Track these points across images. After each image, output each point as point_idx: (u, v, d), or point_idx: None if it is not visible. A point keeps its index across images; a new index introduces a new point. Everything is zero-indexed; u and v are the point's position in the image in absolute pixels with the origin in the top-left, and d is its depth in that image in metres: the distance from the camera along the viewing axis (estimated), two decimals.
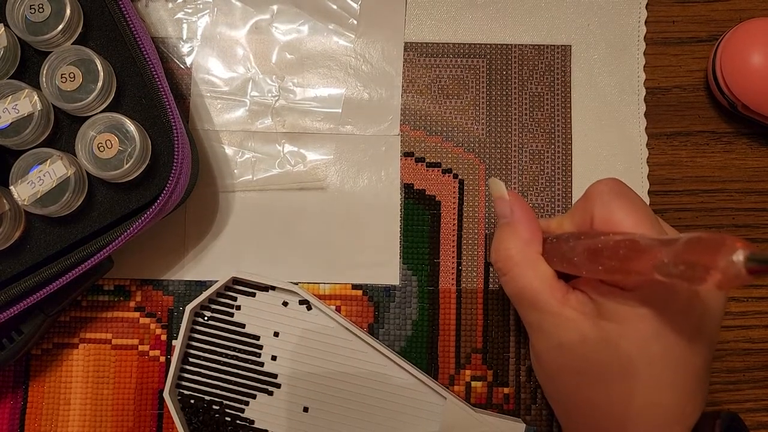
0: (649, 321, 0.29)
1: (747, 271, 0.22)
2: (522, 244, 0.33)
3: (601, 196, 0.31)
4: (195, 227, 0.42)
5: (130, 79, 0.37)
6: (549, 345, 0.32)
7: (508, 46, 0.43)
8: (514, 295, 0.33)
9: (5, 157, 0.36)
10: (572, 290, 0.32)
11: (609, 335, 0.30)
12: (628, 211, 0.30)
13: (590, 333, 0.30)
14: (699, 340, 0.30)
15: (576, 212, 0.33)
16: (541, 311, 0.32)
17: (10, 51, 0.36)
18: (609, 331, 0.30)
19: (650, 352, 0.29)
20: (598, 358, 0.30)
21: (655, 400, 0.30)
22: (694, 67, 0.43)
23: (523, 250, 0.32)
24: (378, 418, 0.40)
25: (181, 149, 0.36)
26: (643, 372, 0.30)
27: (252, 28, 0.43)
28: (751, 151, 0.43)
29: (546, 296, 0.31)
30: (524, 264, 0.32)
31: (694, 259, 0.24)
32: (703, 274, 0.23)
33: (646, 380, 0.30)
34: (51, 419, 0.41)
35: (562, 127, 0.42)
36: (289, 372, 0.40)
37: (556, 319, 0.31)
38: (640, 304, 0.29)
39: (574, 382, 0.32)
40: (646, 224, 0.30)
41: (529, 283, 0.32)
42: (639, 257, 0.26)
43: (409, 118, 0.43)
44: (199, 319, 0.41)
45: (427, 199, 0.42)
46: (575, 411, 0.33)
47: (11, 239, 0.35)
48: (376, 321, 0.41)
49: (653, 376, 0.30)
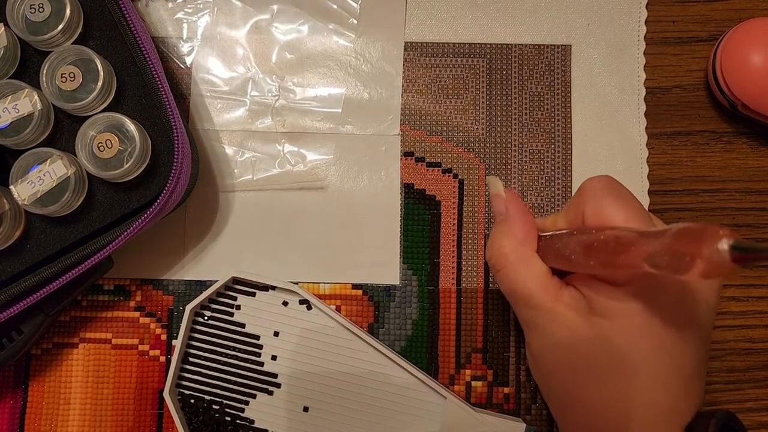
0: (639, 316, 0.29)
1: (731, 259, 0.22)
2: (516, 242, 0.33)
3: (593, 192, 0.32)
4: (195, 227, 0.42)
5: (130, 79, 0.37)
6: (543, 342, 0.32)
7: (508, 45, 0.43)
8: (508, 293, 0.33)
9: (5, 157, 0.36)
10: (566, 286, 0.32)
11: (601, 331, 0.30)
12: (619, 207, 0.30)
13: (583, 329, 0.30)
14: (691, 335, 0.30)
15: (569, 209, 0.33)
16: (535, 308, 0.32)
17: (10, 51, 0.36)
18: (601, 327, 0.30)
19: (642, 347, 0.30)
20: (591, 355, 0.31)
21: (649, 397, 0.30)
22: (694, 67, 0.43)
23: (517, 248, 0.33)
24: (378, 417, 0.40)
25: (181, 149, 0.36)
26: (635, 368, 0.30)
27: (252, 28, 0.43)
28: (751, 151, 0.43)
29: (540, 293, 0.32)
30: (518, 262, 0.32)
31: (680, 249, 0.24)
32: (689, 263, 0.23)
33: (639, 377, 0.30)
34: (51, 419, 0.41)
35: (562, 127, 0.42)
36: (289, 372, 0.40)
37: (550, 316, 0.31)
38: (630, 298, 0.29)
39: (568, 380, 0.32)
40: (636, 220, 0.30)
41: (522, 281, 0.32)
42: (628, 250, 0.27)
43: (409, 117, 0.43)
44: (199, 318, 0.41)
45: (427, 199, 0.42)
46: (569, 409, 0.33)
47: (11, 239, 0.35)
48: (376, 321, 0.41)
49: (646, 373, 0.30)
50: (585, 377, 0.31)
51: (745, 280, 0.42)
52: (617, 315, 0.30)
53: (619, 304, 0.30)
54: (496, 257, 0.33)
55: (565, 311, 0.31)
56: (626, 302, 0.29)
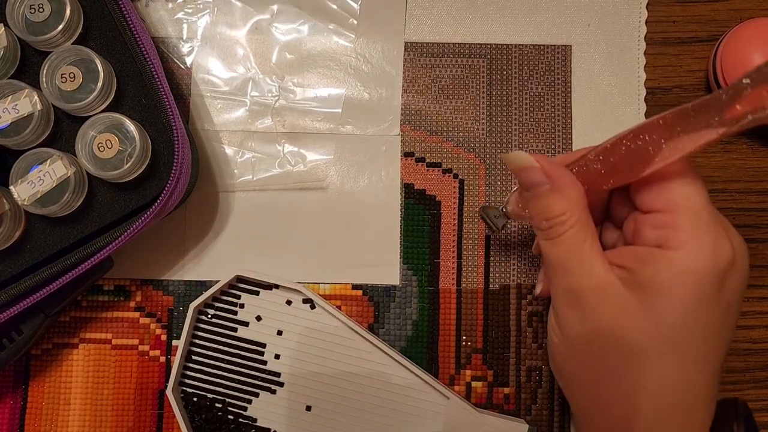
0: (693, 288, 0.28)
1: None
2: (574, 206, 0.31)
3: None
4: (195, 227, 0.42)
5: (130, 79, 0.37)
6: (584, 318, 0.31)
7: (508, 46, 0.43)
8: (559, 259, 0.31)
9: (5, 157, 0.36)
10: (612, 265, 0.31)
11: (652, 308, 0.29)
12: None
13: (633, 306, 0.29)
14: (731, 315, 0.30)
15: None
16: (587, 277, 0.30)
17: (10, 51, 0.36)
18: (652, 304, 0.29)
19: (690, 327, 0.29)
20: (637, 332, 0.29)
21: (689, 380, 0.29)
22: (694, 67, 0.43)
23: (577, 213, 0.31)
24: (381, 417, 0.40)
25: (181, 149, 0.36)
26: (680, 348, 0.29)
27: (252, 28, 0.43)
28: (751, 151, 0.43)
29: (595, 263, 0.30)
30: (579, 226, 0.31)
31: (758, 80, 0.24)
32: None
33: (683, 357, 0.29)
34: (51, 419, 0.41)
35: (562, 127, 0.43)
36: (292, 371, 0.40)
37: (600, 290, 0.30)
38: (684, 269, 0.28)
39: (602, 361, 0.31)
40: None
41: (578, 246, 0.31)
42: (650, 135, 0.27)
43: (409, 118, 0.43)
44: (202, 317, 0.41)
45: (427, 199, 0.42)
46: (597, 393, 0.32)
47: (11, 239, 0.35)
48: (376, 321, 0.41)
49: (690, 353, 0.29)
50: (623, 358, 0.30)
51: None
52: (672, 289, 0.29)
53: (675, 276, 0.28)
54: (555, 222, 0.31)
55: (617, 286, 0.30)
56: (682, 275, 0.28)
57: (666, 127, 0.29)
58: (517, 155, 0.32)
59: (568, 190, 0.31)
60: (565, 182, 0.31)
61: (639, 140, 0.30)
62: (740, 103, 0.27)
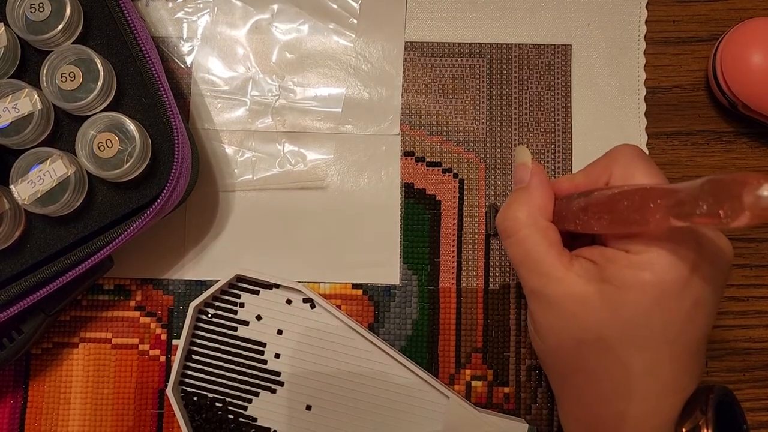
0: (654, 288, 0.29)
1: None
2: (533, 208, 0.33)
3: (625, 156, 0.32)
4: (195, 227, 0.42)
5: (130, 79, 0.37)
6: (550, 312, 0.32)
7: (508, 45, 0.43)
8: (518, 258, 0.33)
9: (5, 157, 0.36)
10: (576, 257, 0.32)
11: (611, 300, 0.30)
12: (650, 174, 0.31)
13: (593, 299, 0.30)
14: (701, 312, 0.30)
15: (594, 168, 0.33)
16: (546, 276, 0.31)
17: (10, 50, 0.36)
18: (613, 297, 0.30)
19: (653, 321, 0.29)
20: (598, 324, 0.30)
21: (653, 371, 0.30)
22: (694, 67, 0.43)
23: (533, 214, 0.32)
24: (381, 417, 0.40)
25: (181, 149, 0.36)
26: (644, 341, 0.30)
27: (252, 28, 0.43)
28: (751, 151, 0.43)
29: (551, 260, 0.31)
30: (533, 227, 0.32)
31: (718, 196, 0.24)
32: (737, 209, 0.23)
33: (646, 350, 0.30)
34: (51, 419, 0.41)
35: (562, 127, 0.43)
36: (292, 370, 0.40)
37: (560, 284, 0.31)
38: (646, 269, 0.29)
39: (572, 352, 0.32)
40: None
41: (534, 246, 0.32)
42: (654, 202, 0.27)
43: (409, 117, 0.43)
44: (202, 316, 0.41)
45: (427, 199, 0.42)
46: (571, 381, 0.33)
47: (11, 238, 0.35)
48: (376, 320, 0.41)
49: (653, 347, 0.30)
50: (590, 349, 0.31)
51: (746, 280, 0.42)
52: (632, 285, 0.29)
53: (635, 273, 0.29)
54: (510, 221, 0.33)
55: (576, 279, 0.31)
56: (642, 272, 0.29)
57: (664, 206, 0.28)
58: (520, 150, 0.35)
59: (535, 194, 0.33)
60: (536, 186, 0.33)
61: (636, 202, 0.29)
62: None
